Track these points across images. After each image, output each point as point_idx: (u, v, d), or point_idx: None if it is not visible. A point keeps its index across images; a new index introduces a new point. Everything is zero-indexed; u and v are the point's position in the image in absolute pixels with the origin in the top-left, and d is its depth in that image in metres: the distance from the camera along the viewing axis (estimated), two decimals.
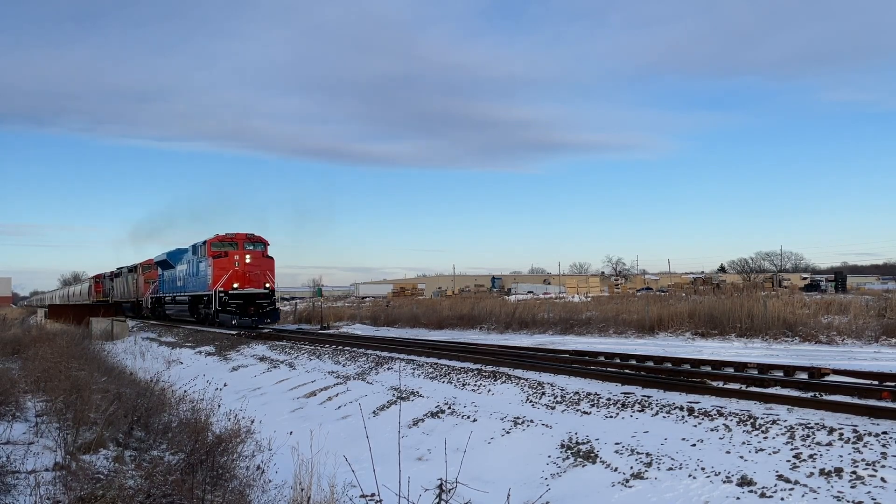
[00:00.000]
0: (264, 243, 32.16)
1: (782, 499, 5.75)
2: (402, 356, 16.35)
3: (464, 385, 12.18)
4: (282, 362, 18.04)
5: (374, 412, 11.01)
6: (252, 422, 9.72)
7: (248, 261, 30.35)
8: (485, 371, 13.05)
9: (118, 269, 60.11)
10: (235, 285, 30.26)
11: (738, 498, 5.89)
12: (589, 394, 10.24)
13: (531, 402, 10.42)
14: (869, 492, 5.69)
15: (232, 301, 30.07)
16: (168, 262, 39.91)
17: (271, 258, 31.80)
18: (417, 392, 11.57)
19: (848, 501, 5.58)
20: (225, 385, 15.78)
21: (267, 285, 30.92)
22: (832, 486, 5.86)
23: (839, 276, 65.46)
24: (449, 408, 10.29)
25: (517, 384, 11.48)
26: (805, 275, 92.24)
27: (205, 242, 32.48)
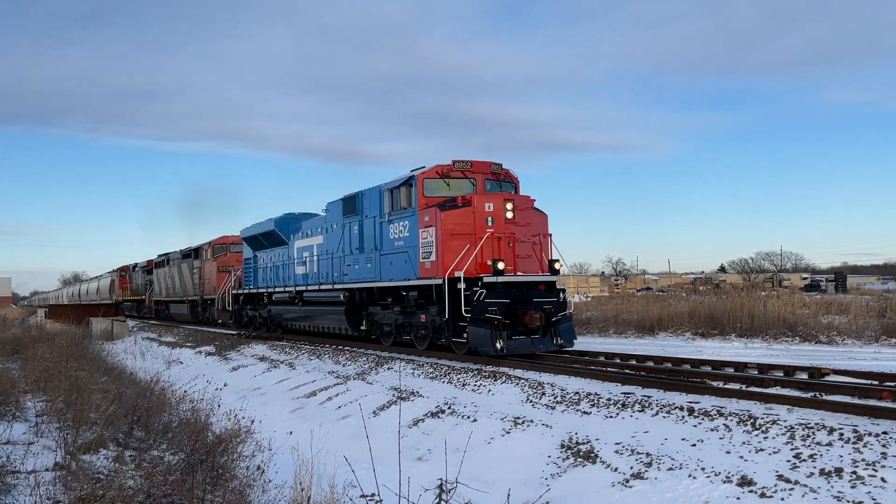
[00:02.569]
0: (515, 183, 16.29)
1: (782, 499, 5.75)
2: (402, 356, 16.35)
3: (464, 385, 12.17)
4: (282, 362, 18.04)
5: (374, 412, 11.01)
6: (252, 422, 9.73)
7: (508, 216, 14.53)
8: (485, 371, 13.04)
9: (161, 255, 43.20)
10: (500, 266, 14.01)
11: (738, 498, 5.89)
12: (589, 394, 10.24)
13: (531, 402, 10.42)
14: (869, 492, 5.69)
15: (492, 300, 13.82)
16: (275, 234, 23.97)
17: (542, 213, 15.62)
18: (417, 392, 11.56)
19: (848, 501, 5.58)
20: (225, 385, 15.78)
21: (555, 266, 15.11)
22: (832, 486, 5.86)
23: (839, 276, 65.50)
24: (449, 408, 10.29)
25: (517, 384, 11.48)
26: (805, 275, 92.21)
27: (406, 182, 15.80)
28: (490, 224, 14.49)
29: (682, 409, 8.85)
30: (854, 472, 6.05)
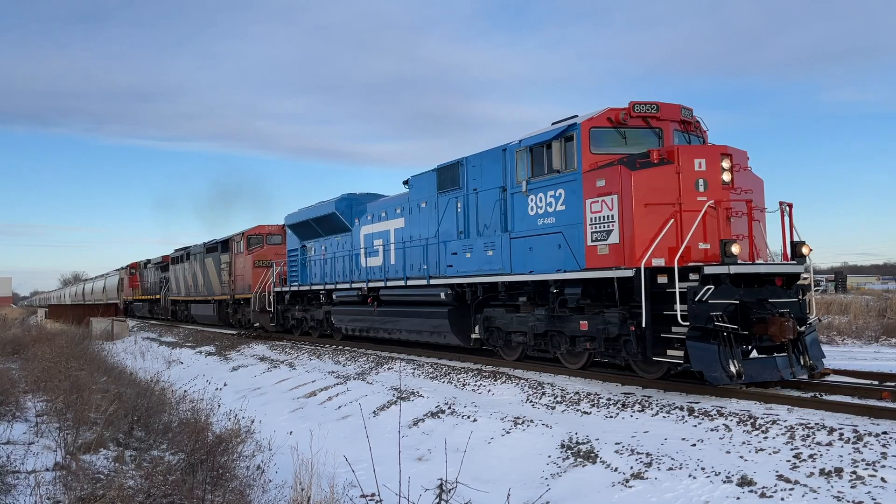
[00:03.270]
0: (704, 138, 12.20)
1: (782, 499, 5.75)
2: (402, 356, 16.36)
3: (464, 385, 12.18)
4: (282, 362, 18.05)
5: (374, 412, 11.01)
6: (252, 422, 9.73)
7: (725, 179, 10.31)
8: (485, 371, 13.05)
9: (179, 250, 38.29)
10: (734, 250, 9.65)
11: (738, 498, 5.89)
12: (589, 394, 10.24)
13: (531, 402, 10.42)
14: (869, 492, 5.69)
15: (719, 301, 9.42)
16: (334, 219, 19.96)
17: (758, 177, 11.07)
18: (417, 392, 11.57)
19: (848, 501, 5.58)
20: (225, 385, 15.77)
21: (802, 250, 10.87)
22: (832, 486, 5.86)
23: (839, 275, 65.41)
24: (449, 408, 10.29)
25: (517, 384, 11.48)
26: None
27: (560, 134, 11.45)
28: (702, 189, 10.13)
29: (682, 409, 8.86)
30: (854, 472, 6.06)
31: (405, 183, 16.73)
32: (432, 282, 14.99)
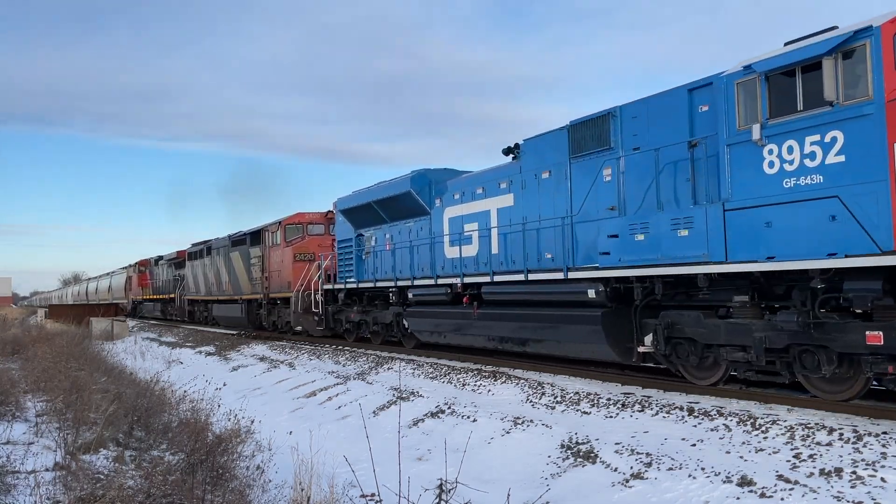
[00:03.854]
0: None
1: (782, 499, 5.75)
2: (402, 356, 16.35)
3: (464, 385, 12.18)
4: (282, 362, 18.05)
5: (374, 412, 11.01)
6: (252, 422, 9.73)
7: None
8: (485, 371, 13.05)
9: (198, 244, 34.21)
10: None
11: (738, 498, 5.89)
12: (589, 394, 10.24)
13: (531, 402, 10.42)
14: (869, 492, 5.69)
15: None
16: (407, 200, 16.61)
17: None
18: (417, 392, 11.57)
19: (848, 501, 5.58)
20: (225, 385, 15.77)
21: None
22: (832, 486, 5.86)
23: None
24: (449, 408, 10.29)
25: (517, 384, 11.49)
26: None
27: (839, 47, 7.69)
28: None
29: (681, 409, 8.86)
30: (854, 472, 6.06)
31: (509, 151, 13.63)
32: (574, 275, 11.37)
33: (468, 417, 9.70)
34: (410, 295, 16.05)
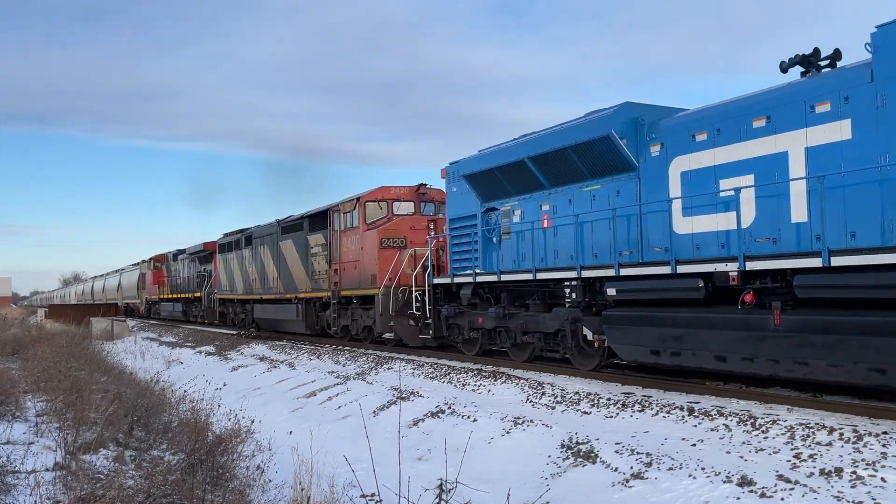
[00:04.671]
0: None
1: (782, 499, 5.75)
2: (402, 356, 16.36)
3: (464, 385, 12.18)
4: (282, 362, 18.05)
5: (374, 412, 11.01)
6: (252, 421, 9.74)
7: None
8: (485, 371, 13.05)
9: (231, 234, 29.38)
10: None
11: (738, 498, 5.89)
12: (589, 394, 10.24)
13: (531, 401, 10.42)
14: (869, 492, 5.69)
15: None
16: (602, 150, 11.36)
17: None
18: (417, 392, 11.57)
19: (848, 501, 5.58)
20: (225, 385, 15.78)
21: None
22: (832, 486, 5.87)
23: None
24: (449, 408, 10.29)
25: (517, 384, 11.49)
26: None
27: None
28: None
29: (682, 409, 8.86)
30: (854, 472, 6.06)
31: (808, 62, 9.33)
32: None
33: (468, 417, 9.70)
34: (612, 291, 10.98)
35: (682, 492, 6.23)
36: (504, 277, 13.23)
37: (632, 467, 6.94)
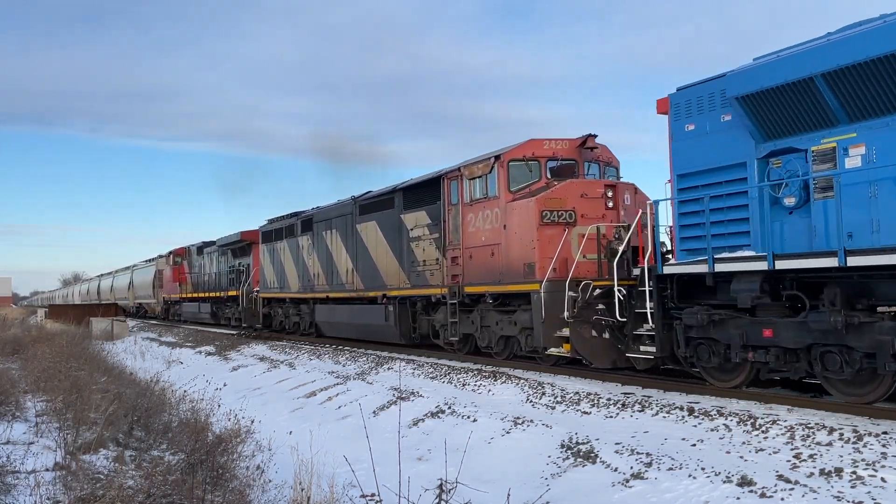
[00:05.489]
0: None
1: (782, 499, 5.75)
2: (402, 356, 16.35)
3: (464, 385, 12.18)
4: (282, 362, 18.05)
5: (374, 412, 11.01)
6: (252, 422, 9.74)
7: None
8: (485, 371, 13.05)
9: (278, 219, 24.50)
10: None
11: (738, 498, 5.89)
12: (589, 394, 10.24)
13: (531, 402, 10.42)
14: (869, 492, 5.69)
15: None
16: None
17: None
18: (417, 392, 11.57)
19: (848, 501, 5.58)
20: (225, 385, 15.78)
21: None
22: (832, 486, 5.87)
23: None
24: (449, 408, 10.29)
25: (517, 384, 11.48)
26: None
27: None
28: None
29: (682, 409, 8.86)
30: (854, 472, 6.06)
31: None
32: None
33: (468, 417, 9.70)
34: None
35: (682, 492, 6.23)
36: (858, 261, 7.81)
37: (632, 467, 6.94)
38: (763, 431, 7.59)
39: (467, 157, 14.62)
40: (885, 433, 7.02)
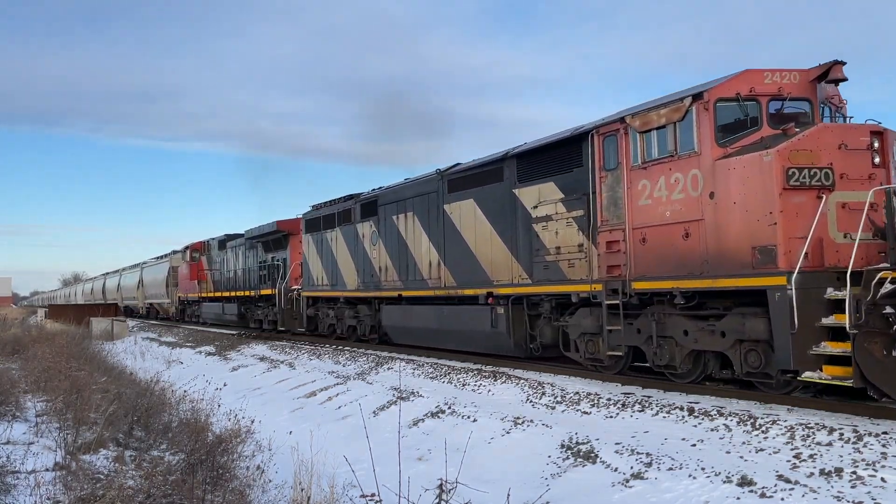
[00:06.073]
0: None
1: (782, 499, 5.75)
2: (402, 356, 16.35)
3: (464, 385, 12.18)
4: (282, 362, 18.05)
5: (374, 412, 11.01)
6: (252, 422, 9.74)
7: None
8: (485, 371, 13.04)
9: (324, 205, 20.89)
10: None
11: (738, 498, 5.89)
12: (589, 394, 10.24)
13: (531, 402, 10.42)
14: (869, 492, 5.69)
15: None
16: None
17: None
18: (417, 392, 11.57)
19: (848, 501, 5.58)
20: (225, 385, 15.79)
21: None
22: (832, 486, 5.86)
23: None
24: (449, 408, 10.29)
25: (517, 384, 11.48)
26: None
27: None
28: None
29: (682, 409, 8.85)
30: (854, 472, 6.06)
31: None
32: None
33: (468, 417, 9.70)
34: None
35: (682, 492, 6.23)
36: None
37: (632, 467, 6.94)
38: (763, 431, 7.58)
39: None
40: (885, 433, 7.01)
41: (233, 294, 29.09)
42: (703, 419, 8.35)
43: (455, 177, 14.90)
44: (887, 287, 7.47)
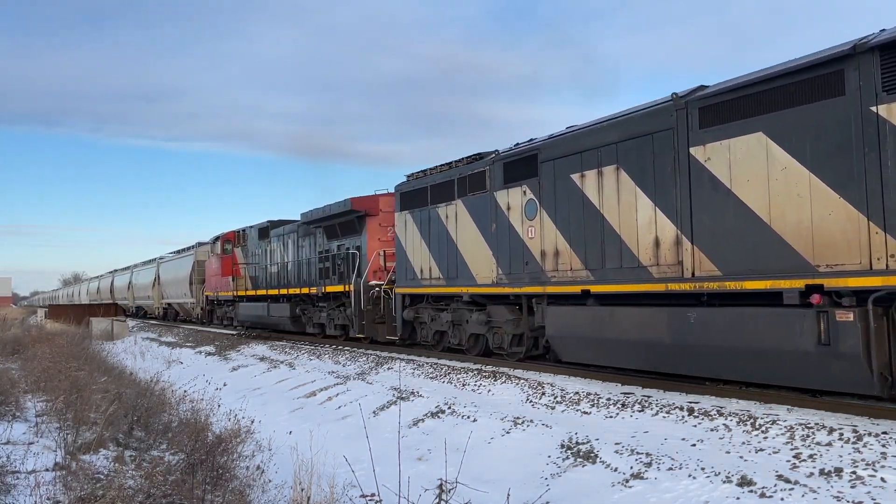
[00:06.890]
0: None
1: (782, 499, 5.75)
2: (402, 356, 16.35)
3: (464, 385, 12.18)
4: (282, 362, 18.05)
5: (374, 412, 11.01)
6: (252, 422, 9.74)
7: None
8: (485, 371, 13.05)
9: (419, 175, 15.85)
10: None
11: (737, 498, 5.89)
12: (589, 394, 10.24)
13: (531, 402, 10.42)
14: (869, 492, 5.69)
15: None
16: None
17: None
18: (417, 392, 11.57)
19: (848, 501, 5.58)
20: (225, 385, 15.79)
21: None
22: (832, 486, 5.87)
23: None
24: (449, 408, 10.30)
25: (517, 384, 11.48)
26: None
27: None
28: None
29: (681, 409, 8.86)
30: (854, 472, 6.06)
31: None
32: None
33: (468, 417, 9.70)
34: None
35: (682, 492, 6.23)
36: None
37: (632, 467, 6.95)
38: (763, 431, 7.58)
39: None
40: (885, 433, 7.01)
41: (281, 292, 23.55)
42: (702, 419, 8.36)
43: (717, 100, 9.35)
44: None
